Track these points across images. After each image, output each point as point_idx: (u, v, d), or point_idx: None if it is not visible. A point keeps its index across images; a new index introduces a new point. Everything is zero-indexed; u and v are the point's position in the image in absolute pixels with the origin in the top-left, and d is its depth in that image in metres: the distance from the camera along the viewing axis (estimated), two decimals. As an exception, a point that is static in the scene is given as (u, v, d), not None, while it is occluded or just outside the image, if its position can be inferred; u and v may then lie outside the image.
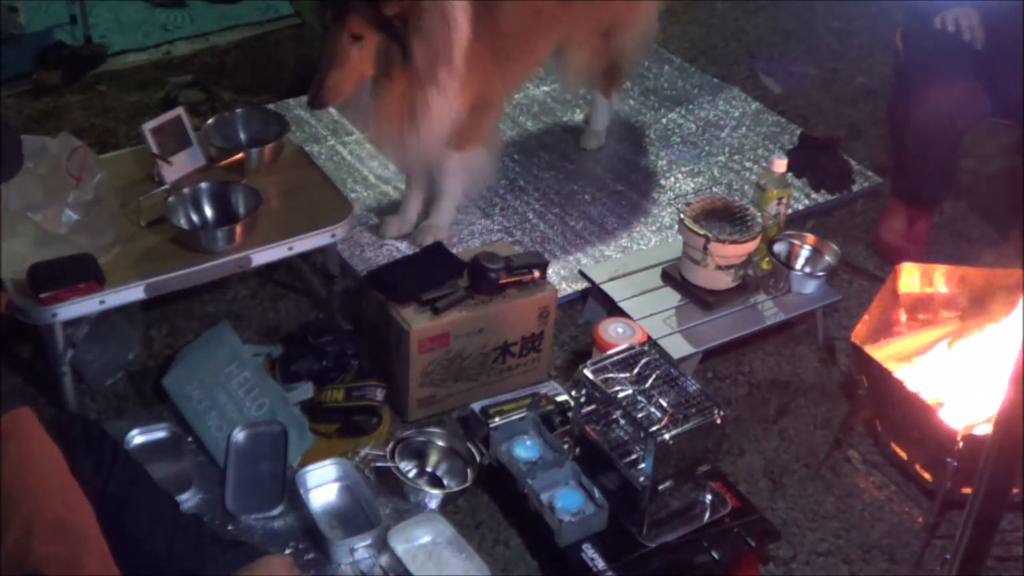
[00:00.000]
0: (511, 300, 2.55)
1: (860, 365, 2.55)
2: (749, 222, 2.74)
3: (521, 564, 2.28)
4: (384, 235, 3.10)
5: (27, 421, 1.38)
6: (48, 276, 2.33)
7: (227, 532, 2.22)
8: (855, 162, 3.57)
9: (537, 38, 3.05)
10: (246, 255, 2.52)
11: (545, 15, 3.00)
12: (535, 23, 2.97)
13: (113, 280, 2.40)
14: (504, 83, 3.01)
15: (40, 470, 1.39)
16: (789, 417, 2.69)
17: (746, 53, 4.32)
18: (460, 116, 2.81)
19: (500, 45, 2.83)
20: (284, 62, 4.11)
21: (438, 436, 2.48)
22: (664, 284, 2.87)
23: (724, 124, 3.80)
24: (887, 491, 2.50)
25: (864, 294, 2.99)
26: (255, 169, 2.75)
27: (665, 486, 2.15)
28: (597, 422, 2.30)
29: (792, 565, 2.32)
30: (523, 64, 3.10)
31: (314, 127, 3.64)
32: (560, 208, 3.33)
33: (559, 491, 2.26)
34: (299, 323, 2.74)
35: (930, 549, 2.34)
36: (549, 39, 3.13)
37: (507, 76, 3.00)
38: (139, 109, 3.75)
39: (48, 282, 2.33)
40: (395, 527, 2.23)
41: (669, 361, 2.30)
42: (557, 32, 3.14)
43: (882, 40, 3.92)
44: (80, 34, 4.10)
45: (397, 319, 2.47)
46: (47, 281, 2.33)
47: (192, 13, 4.40)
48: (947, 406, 2.42)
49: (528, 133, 3.71)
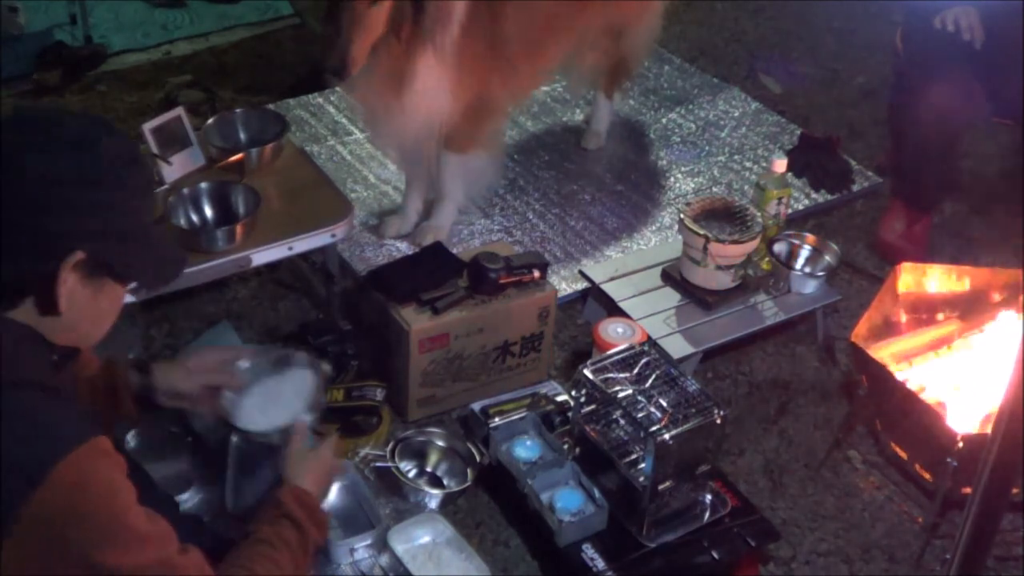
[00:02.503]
0: (511, 300, 2.55)
1: (860, 365, 2.55)
2: (749, 222, 2.74)
3: (521, 564, 2.28)
4: (384, 235, 3.10)
5: (105, 446, 1.45)
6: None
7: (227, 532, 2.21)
8: (855, 162, 3.57)
9: (547, 45, 3.01)
10: (246, 255, 2.52)
11: (557, 22, 2.97)
12: (545, 30, 2.94)
13: (113, 280, 2.39)
14: (509, 89, 2.98)
15: (121, 489, 1.45)
16: (789, 417, 2.69)
17: (746, 53, 4.33)
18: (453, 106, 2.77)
19: (504, 48, 2.81)
20: (284, 62, 4.11)
21: (438, 436, 2.48)
22: (664, 284, 2.87)
23: (724, 124, 3.80)
24: (887, 491, 2.50)
25: (864, 294, 2.99)
26: (255, 169, 2.75)
27: (665, 486, 2.15)
28: (597, 422, 2.30)
29: (792, 565, 2.32)
30: (531, 71, 3.06)
31: (314, 127, 3.64)
32: (560, 208, 3.33)
33: (559, 491, 2.26)
34: (299, 323, 2.74)
35: (930, 549, 2.34)
36: (559, 47, 3.09)
37: (512, 82, 2.96)
38: (139, 109, 3.75)
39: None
40: (395, 527, 2.23)
41: (669, 361, 2.30)
42: (569, 41, 3.11)
43: (882, 40, 3.91)
44: (80, 34, 4.10)
45: (397, 319, 2.47)
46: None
47: (192, 13, 4.40)
48: (947, 406, 2.43)
49: (528, 133, 3.71)
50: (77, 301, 1.49)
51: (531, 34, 2.90)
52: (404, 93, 2.70)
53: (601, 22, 3.19)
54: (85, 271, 1.48)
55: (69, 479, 1.38)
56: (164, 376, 2.01)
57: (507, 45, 2.82)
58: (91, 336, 1.59)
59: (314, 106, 3.74)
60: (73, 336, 1.54)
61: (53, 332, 1.50)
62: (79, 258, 1.46)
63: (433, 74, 2.69)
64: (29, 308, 1.48)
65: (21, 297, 1.47)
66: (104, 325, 1.60)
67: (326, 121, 3.66)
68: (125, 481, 1.47)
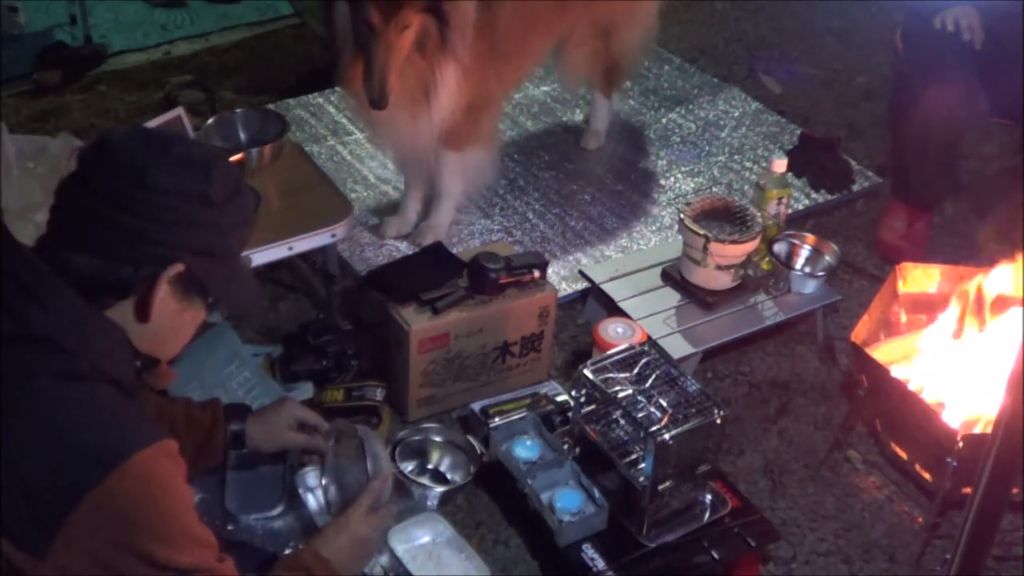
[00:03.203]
0: (511, 300, 2.55)
1: (860, 365, 2.55)
2: (749, 222, 2.74)
3: (521, 564, 2.28)
4: (384, 235, 3.10)
5: (173, 449, 1.52)
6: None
7: (227, 532, 2.21)
8: (855, 162, 3.58)
9: (534, 38, 3.04)
10: (246, 255, 2.50)
11: (542, 15, 2.99)
12: (532, 23, 2.97)
13: (113, 280, 2.39)
14: (501, 83, 3.00)
15: (183, 491, 1.53)
16: (789, 417, 2.69)
17: (746, 53, 4.33)
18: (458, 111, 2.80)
19: (498, 44, 2.83)
20: (284, 62, 4.12)
21: (435, 432, 2.48)
22: (664, 284, 2.87)
23: (724, 124, 3.80)
24: (887, 491, 2.50)
25: (864, 294, 2.99)
26: (255, 169, 2.75)
27: (665, 486, 2.15)
28: (597, 422, 2.30)
29: (792, 565, 2.32)
30: (520, 64, 3.09)
31: (314, 127, 3.64)
32: (560, 208, 3.33)
33: (559, 491, 2.26)
34: (299, 323, 2.74)
35: (930, 549, 2.34)
36: (546, 39, 3.13)
37: (504, 76, 2.99)
38: (139, 109, 3.75)
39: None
40: (395, 527, 2.23)
41: (669, 361, 2.30)
42: (554, 32, 3.14)
43: (882, 40, 3.92)
44: (80, 34, 4.10)
45: (397, 319, 2.47)
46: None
47: (192, 13, 4.40)
48: (947, 406, 2.42)
49: (528, 133, 3.71)
50: (165, 313, 1.56)
51: (523, 26, 2.92)
52: (432, 103, 2.73)
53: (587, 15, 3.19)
54: (179, 285, 1.56)
55: (138, 472, 1.43)
56: (261, 429, 2.14)
57: (502, 40, 2.84)
58: (166, 351, 1.65)
59: (314, 106, 3.74)
60: (150, 347, 1.60)
61: (136, 339, 1.56)
62: (178, 270, 1.53)
63: (456, 81, 2.72)
64: (125, 310, 1.54)
65: (123, 297, 1.53)
66: (179, 343, 1.67)
67: (326, 121, 3.67)
68: (186, 485, 1.53)
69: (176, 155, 1.54)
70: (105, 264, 1.50)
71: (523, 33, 2.95)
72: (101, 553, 1.42)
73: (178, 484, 1.51)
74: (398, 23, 2.55)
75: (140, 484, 1.44)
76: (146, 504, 1.45)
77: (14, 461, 1.40)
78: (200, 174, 1.54)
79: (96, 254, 1.50)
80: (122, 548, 1.43)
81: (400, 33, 2.57)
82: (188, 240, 1.54)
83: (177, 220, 1.52)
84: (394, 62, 2.59)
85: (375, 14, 2.53)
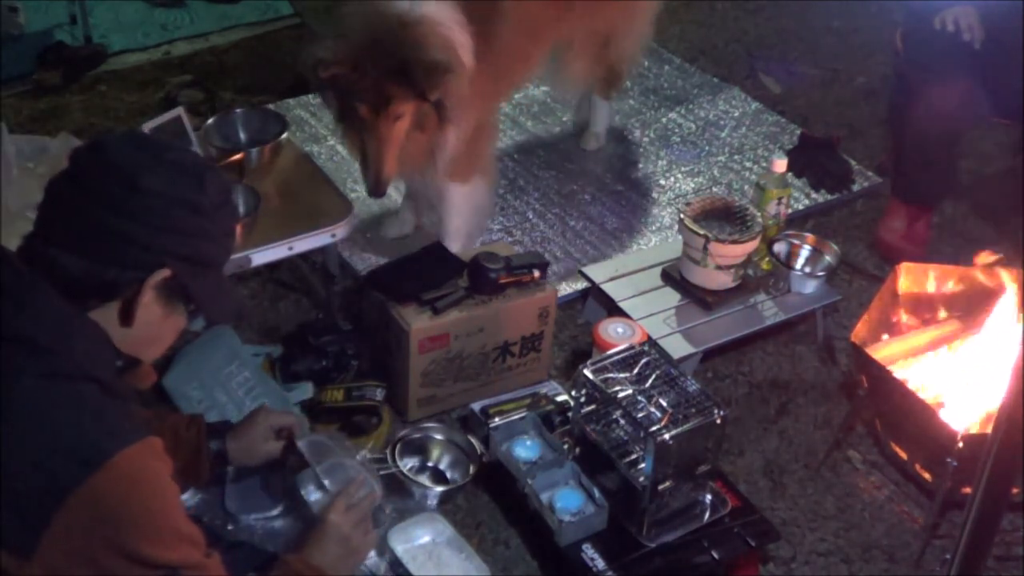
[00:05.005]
0: (511, 300, 2.55)
1: (860, 365, 2.55)
2: (749, 222, 2.74)
3: (521, 564, 2.28)
4: (384, 235, 3.10)
5: (158, 447, 1.53)
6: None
7: (227, 532, 2.21)
8: (855, 162, 3.57)
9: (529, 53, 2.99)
10: (246, 255, 2.52)
11: (541, 28, 2.95)
12: (528, 41, 2.92)
13: (113, 280, 2.39)
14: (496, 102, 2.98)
15: (168, 488, 1.53)
16: (789, 417, 2.69)
17: (746, 53, 4.32)
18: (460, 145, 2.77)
19: (495, 70, 2.77)
20: (284, 62, 4.11)
21: (436, 430, 2.47)
22: (664, 284, 2.87)
23: (724, 124, 3.80)
24: (887, 491, 2.50)
25: (864, 294, 2.99)
26: (255, 169, 2.75)
27: (665, 486, 2.15)
28: (597, 422, 2.30)
29: (792, 565, 2.32)
30: (515, 80, 3.08)
31: (314, 127, 3.64)
32: (560, 208, 3.33)
33: (559, 491, 2.26)
34: (299, 323, 2.74)
35: (930, 549, 2.34)
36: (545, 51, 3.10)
37: (499, 94, 2.98)
38: (139, 109, 3.75)
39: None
40: (395, 527, 2.23)
41: (669, 361, 2.31)
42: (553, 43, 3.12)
43: (882, 40, 3.92)
44: (80, 34, 4.10)
45: (397, 319, 2.47)
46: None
47: (192, 13, 4.40)
48: (947, 406, 2.42)
49: (528, 133, 3.71)
50: (149, 318, 1.57)
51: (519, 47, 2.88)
52: (437, 163, 2.73)
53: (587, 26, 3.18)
54: (164, 291, 1.56)
55: (123, 470, 1.44)
56: (239, 445, 2.13)
57: (498, 64, 2.77)
58: (146, 356, 1.65)
59: (314, 106, 3.74)
60: (130, 351, 1.60)
61: (117, 342, 1.56)
62: (165, 276, 1.54)
63: (457, 139, 2.70)
64: (108, 313, 1.54)
65: (108, 300, 1.54)
66: (159, 349, 1.68)
67: (326, 121, 3.66)
68: (171, 482, 1.54)
69: (170, 161, 1.54)
70: (92, 265, 1.50)
71: (518, 53, 2.90)
72: (88, 552, 1.42)
73: (163, 481, 1.51)
74: (389, 116, 2.52)
75: (125, 482, 1.44)
76: (131, 502, 1.45)
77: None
78: (193, 181, 1.54)
79: (84, 255, 1.50)
80: (108, 546, 1.43)
81: (393, 124, 2.54)
82: (177, 246, 1.54)
83: (167, 225, 1.52)
84: (389, 154, 2.57)
85: (365, 109, 2.51)
